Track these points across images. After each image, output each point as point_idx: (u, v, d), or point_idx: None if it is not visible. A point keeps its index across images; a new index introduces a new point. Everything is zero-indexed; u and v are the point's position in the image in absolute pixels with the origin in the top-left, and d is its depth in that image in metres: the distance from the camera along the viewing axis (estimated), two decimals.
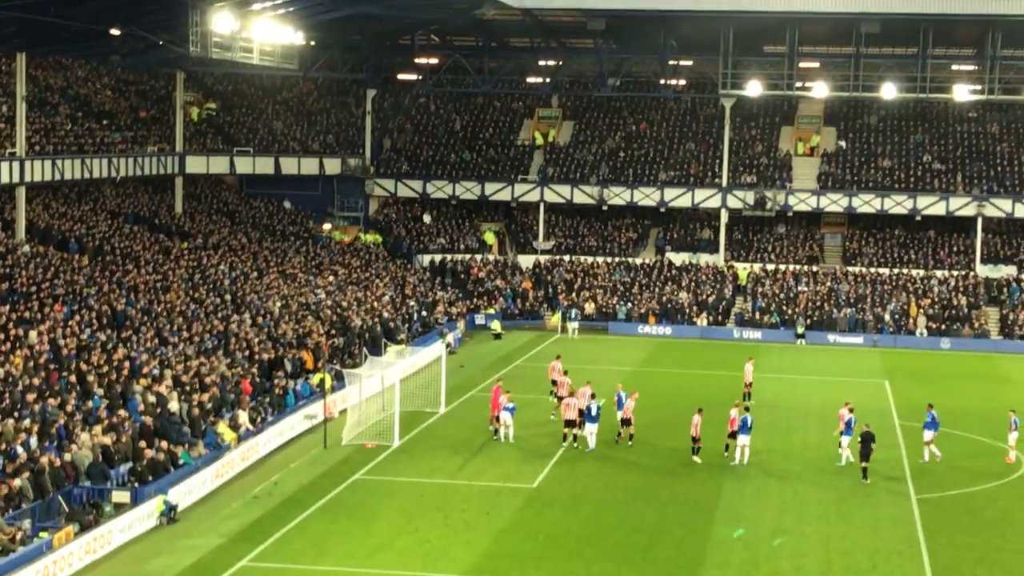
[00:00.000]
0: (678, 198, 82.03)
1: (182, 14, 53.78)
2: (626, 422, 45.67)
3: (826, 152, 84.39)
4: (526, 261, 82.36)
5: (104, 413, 40.65)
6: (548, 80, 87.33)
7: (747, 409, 45.03)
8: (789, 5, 72.17)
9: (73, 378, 42.97)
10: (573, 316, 73.66)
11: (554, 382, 53.26)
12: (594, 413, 45.39)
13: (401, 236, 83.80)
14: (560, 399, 48.55)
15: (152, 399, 43.11)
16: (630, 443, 45.39)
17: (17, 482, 34.41)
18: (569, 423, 45.84)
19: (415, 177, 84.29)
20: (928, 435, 44.20)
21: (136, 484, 37.56)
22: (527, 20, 75.47)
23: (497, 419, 46.64)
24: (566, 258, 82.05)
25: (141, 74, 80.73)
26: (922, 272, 78.86)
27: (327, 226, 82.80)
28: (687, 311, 75.69)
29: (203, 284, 61.12)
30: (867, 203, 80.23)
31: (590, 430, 45.26)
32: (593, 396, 46.60)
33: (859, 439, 42.23)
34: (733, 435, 43.85)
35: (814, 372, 62.97)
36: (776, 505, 38.86)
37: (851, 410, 44.55)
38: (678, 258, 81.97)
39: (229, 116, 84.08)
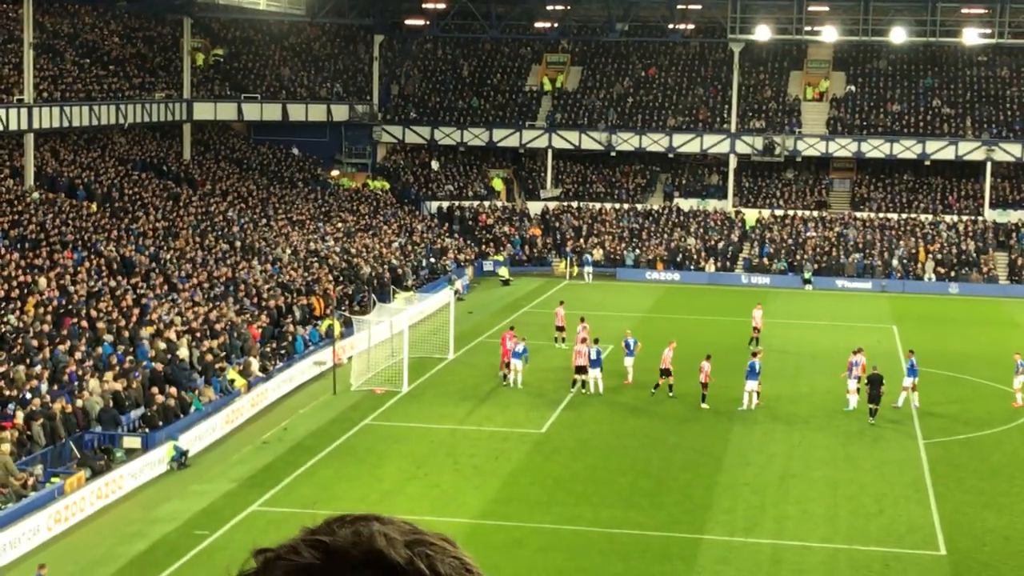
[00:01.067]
0: (686, 144, 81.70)
1: None
2: (666, 372, 44.86)
3: (835, 97, 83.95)
4: (534, 208, 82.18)
5: (115, 359, 40.77)
6: (556, 25, 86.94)
7: (755, 355, 45.04)
8: None
9: (84, 324, 43.08)
10: (587, 261, 73.68)
11: (559, 328, 53.32)
12: (593, 357, 45.45)
13: (409, 183, 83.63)
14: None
15: (162, 345, 43.22)
16: (671, 394, 44.77)
17: (21, 416, 34.62)
18: (579, 369, 45.93)
19: (423, 123, 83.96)
20: (908, 381, 44.03)
21: (147, 430, 37.75)
22: None
23: (507, 365, 46.73)
24: (574, 204, 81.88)
25: (148, 20, 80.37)
26: (931, 217, 78.60)
27: (335, 172, 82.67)
28: (695, 257, 75.61)
29: (211, 231, 61.13)
30: (876, 148, 79.89)
31: (595, 375, 45.39)
32: (596, 341, 46.75)
33: (867, 381, 42.30)
34: (703, 385, 43.81)
35: (822, 317, 62.91)
36: (783, 450, 38.97)
37: (855, 352, 44.59)
38: (686, 204, 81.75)
39: (236, 62, 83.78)
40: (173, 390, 40.08)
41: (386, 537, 1.68)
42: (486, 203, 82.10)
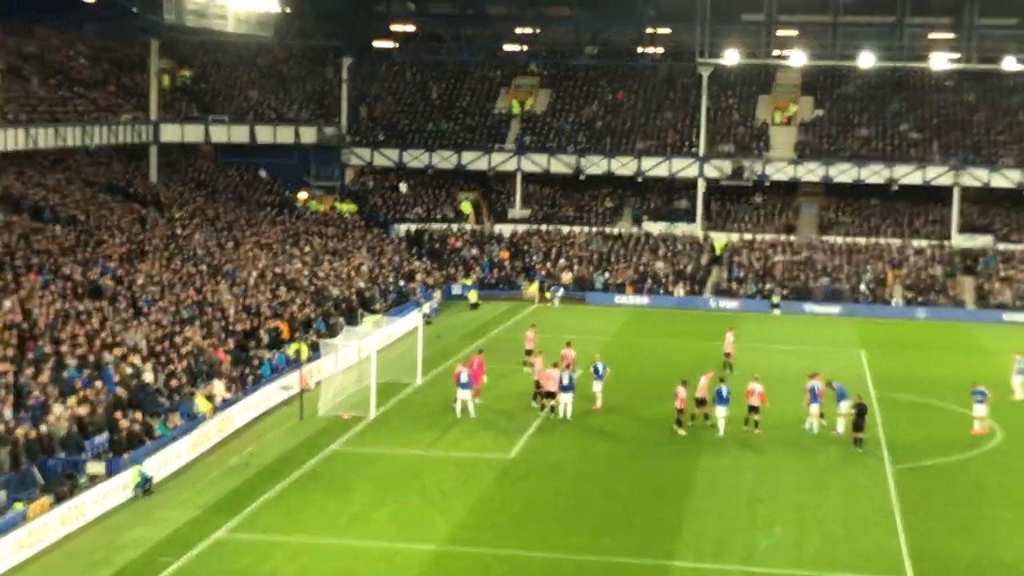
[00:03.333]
0: (655, 168, 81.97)
1: None
2: (701, 402, 44.13)
3: (803, 121, 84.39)
4: (503, 230, 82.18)
5: (79, 384, 40.50)
6: (525, 48, 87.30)
7: (722, 380, 45.07)
8: None
9: (48, 348, 42.79)
10: (554, 289, 73.72)
11: (528, 351, 53.23)
12: (566, 383, 45.47)
13: (377, 206, 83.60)
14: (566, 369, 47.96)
15: (128, 370, 42.97)
16: (755, 429, 43.84)
17: None
18: (547, 394, 45.93)
19: (391, 146, 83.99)
20: (843, 405, 43.96)
21: (111, 455, 37.49)
22: None
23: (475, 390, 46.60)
24: (543, 227, 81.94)
25: (115, 41, 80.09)
26: (898, 242, 78.99)
27: (303, 195, 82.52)
28: (664, 281, 75.75)
29: (178, 254, 60.91)
30: (844, 172, 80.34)
31: (565, 400, 45.37)
32: (568, 367, 46.93)
33: (854, 408, 42.36)
34: (753, 408, 43.76)
35: (790, 342, 63.03)
36: (752, 476, 38.96)
37: (814, 376, 44.79)
38: (655, 228, 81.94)
39: (204, 84, 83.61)
40: (138, 415, 39.84)
41: None
42: (455, 226, 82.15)
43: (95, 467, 36.60)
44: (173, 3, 54.68)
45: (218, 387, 45.17)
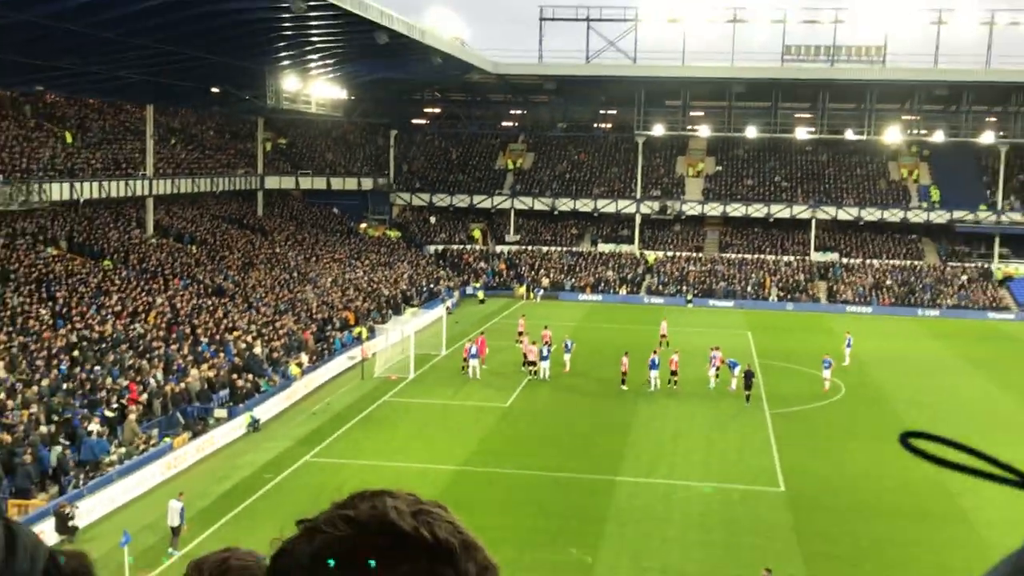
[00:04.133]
0: (606, 206, 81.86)
1: (262, 77, 53.45)
2: (673, 373, 43.56)
3: (708, 174, 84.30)
4: (502, 250, 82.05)
5: (208, 355, 40.51)
6: (516, 124, 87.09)
7: (655, 352, 45.06)
8: (683, 73, 72.44)
9: (187, 331, 42.79)
10: (536, 290, 73.71)
11: (520, 333, 53.19)
12: (545, 354, 45.50)
13: (415, 232, 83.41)
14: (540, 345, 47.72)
15: (242, 345, 42.96)
16: (675, 386, 43.34)
17: (145, 396, 34.41)
18: (531, 362, 45.95)
19: (424, 191, 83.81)
20: (736, 370, 43.99)
21: (231, 404, 37.50)
22: (502, 82, 75.28)
23: (466, 360, 46.47)
24: (529, 247, 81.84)
25: (233, 118, 79.89)
26: (773, 257, 78.97)
27: (363, 225, 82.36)
28: (612, 284, 75.67)
29: (277, 265, 60.82)
30: (736, 210, 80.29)
31: (544, 366, 45.37)
32: (546, 343, 46.97)
33: (743, 374, 42.41)
34: (674, 372, 43.65)
35: (700, 326, 62.92)
36: (674, 420, 39.01)
37: (715, 349, 44.86)
38: (606, 247, 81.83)
39: (295, 148, 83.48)
40: (250, 376, 39.84)
41: (396, 509, 1.57)
42: (468, 247, 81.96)
43: (220, 412, 36.67)
44: (273, 92, 54.53)
45: (304, 357, 45.15)
